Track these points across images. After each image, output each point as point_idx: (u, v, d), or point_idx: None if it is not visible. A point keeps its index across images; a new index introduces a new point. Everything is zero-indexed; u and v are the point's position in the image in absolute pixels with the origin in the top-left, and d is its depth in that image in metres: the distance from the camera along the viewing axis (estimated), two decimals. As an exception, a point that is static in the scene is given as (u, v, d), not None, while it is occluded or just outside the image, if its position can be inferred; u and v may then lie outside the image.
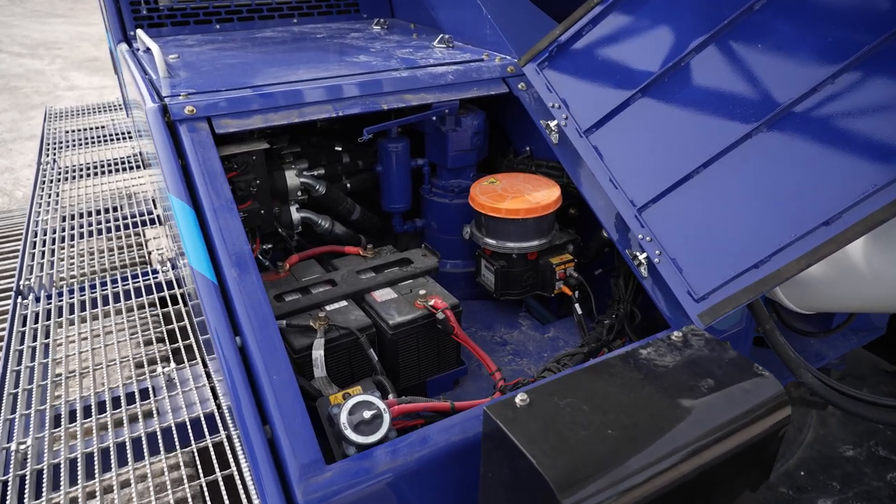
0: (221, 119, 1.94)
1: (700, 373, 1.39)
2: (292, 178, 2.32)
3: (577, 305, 2.31)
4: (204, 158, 1.85)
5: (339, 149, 2.61)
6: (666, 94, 2.02)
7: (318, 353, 1.72)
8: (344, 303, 1.94)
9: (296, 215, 2.35)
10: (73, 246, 3.02)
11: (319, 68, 2.32)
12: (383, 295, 1.99)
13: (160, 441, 1.85)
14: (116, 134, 4.57)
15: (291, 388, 1.52)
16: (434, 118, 2.36)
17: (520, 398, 1.28)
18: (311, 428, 1.48)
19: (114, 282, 2.71)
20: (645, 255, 2.02)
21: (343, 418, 1.54)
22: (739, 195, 1.85)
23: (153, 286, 2.59)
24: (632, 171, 2.08)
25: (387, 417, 1.56)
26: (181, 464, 1.73)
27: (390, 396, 1.74)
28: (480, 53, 2.57)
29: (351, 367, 1.86)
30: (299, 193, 2.35)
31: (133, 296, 2.60)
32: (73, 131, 4.75)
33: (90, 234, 3.14)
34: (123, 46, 2.93)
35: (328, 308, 1.91)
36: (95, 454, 1.77)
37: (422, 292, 1.93)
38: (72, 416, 1.96)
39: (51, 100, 9.03)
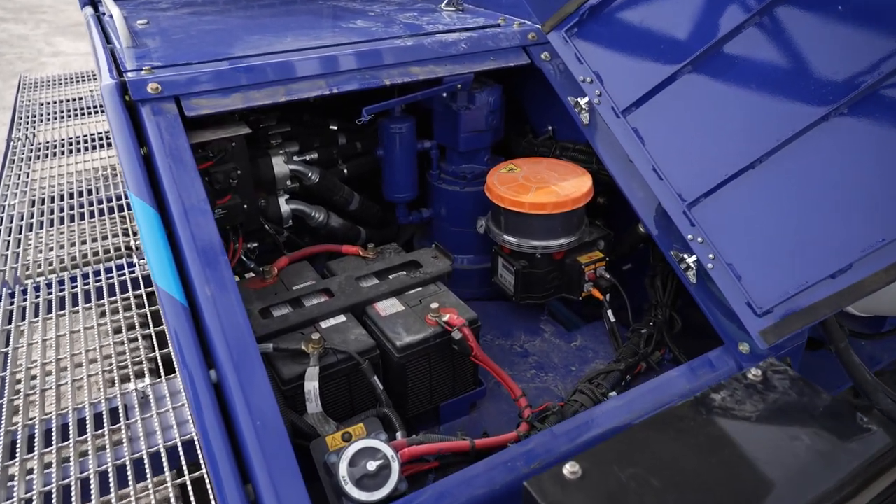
0: (192, 98, 1.63)
1: (791, 426, 1.10)
2: (280, 165, 2.00)
3: (609, 312, 2.02)
4: (171, 147, 1.54)
5: (335, 128, 2.29)
6: (722, 67, 1.70)
7: (311, 386, 1.44)
8: (342, 318, 1.65)
9: (285, 208, 2.05)
10: (42, 235, 2.71)
11: (310, 36, 1.99)
12: (388, 307, 1.70)
13: (130, 476, 1.60)
14: (98, 106, 4.21)
15: (279, 438, 1.24)
16: (444, 94, 2.03)
17: (569, 469, 1.00)
18: (304, 487, 1.21)
19: (85, 277, 2.42)
20: (694, 258, 1.73)
21: (343, 470, 1.27)
22: (813, 190, 1.55)
23: (129, 282, 2.30)
24: (680, 158, 1.77)
25: (395, 467, 1.29)
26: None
27: (398, 434, 1.46)
28: (496, 18, 2.23)
29: (351, 396, 1.57)
30: (289, 182, 2.04)
31: (106, 294, 2.31)
32: (50, 103, 4.38)
33: (62, 220, 2.83)
34: (89, 10, 2.58)
35: (323, 325, 1.62)
36: (54, 493, 1.51)
37: (433, 305, 1.64)
38: (30, 444, 1.70)
39: (35, 67, 8.62)
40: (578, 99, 1.95)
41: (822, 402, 1.16)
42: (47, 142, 3.68)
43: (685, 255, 1.76)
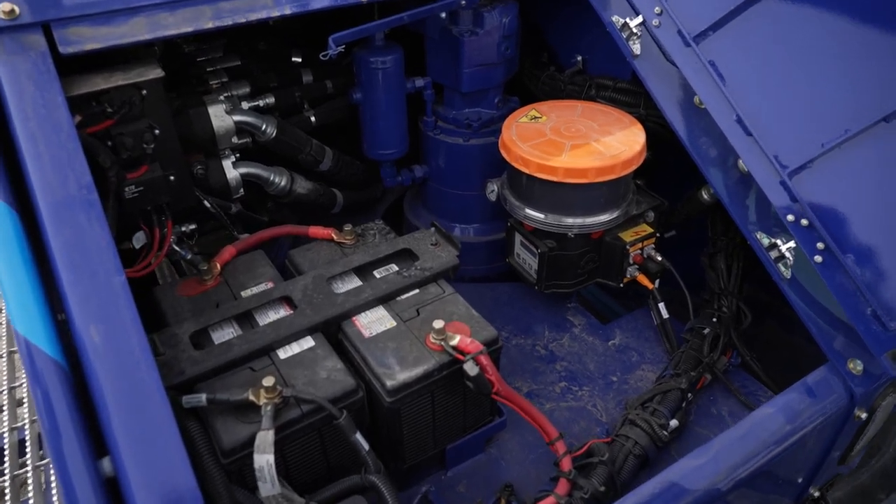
0: (70, 27, 1.10)
1: None
2: (221, 116, 1.48)
3: (661, 306, 1.57)
4: (36, 103, 1.02)
5: (299, 60, 1.75)
6: (845, -29, 1.19)
7: (264, 460, 0.98)
8: (309, 341, 1.18)
9: (233, 173, 1.54)
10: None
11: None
12: (373, 322, 1.22)
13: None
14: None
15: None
16: (442, 14, 1.50)
17: None
18: None
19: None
20: (792, 244, 1.29)
21: None
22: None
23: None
24: (778, 105, 1.31)
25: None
26: None
27: (392, 518, 1.03)
28: None
29: (326, 456, 1.13)
30: (235, 139, 1.53)
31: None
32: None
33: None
34: None
35: (282, 355, 1.15)
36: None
37: (437, 324, 1.16)
38: None
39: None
40: (627, 19, 1.46)
41: None
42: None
43: (778, 241, 1.31)
